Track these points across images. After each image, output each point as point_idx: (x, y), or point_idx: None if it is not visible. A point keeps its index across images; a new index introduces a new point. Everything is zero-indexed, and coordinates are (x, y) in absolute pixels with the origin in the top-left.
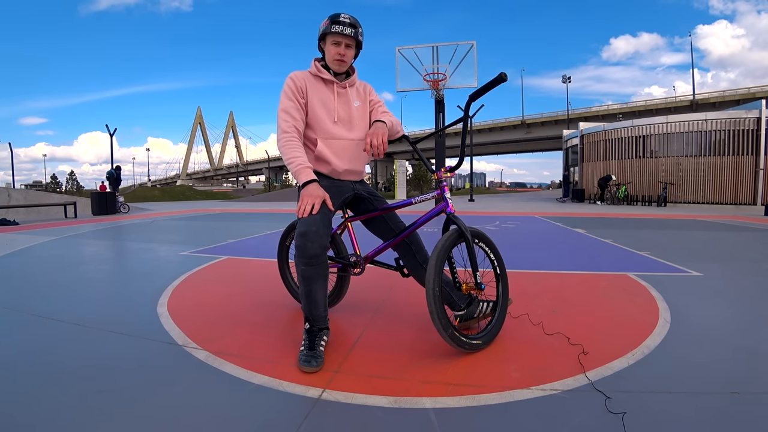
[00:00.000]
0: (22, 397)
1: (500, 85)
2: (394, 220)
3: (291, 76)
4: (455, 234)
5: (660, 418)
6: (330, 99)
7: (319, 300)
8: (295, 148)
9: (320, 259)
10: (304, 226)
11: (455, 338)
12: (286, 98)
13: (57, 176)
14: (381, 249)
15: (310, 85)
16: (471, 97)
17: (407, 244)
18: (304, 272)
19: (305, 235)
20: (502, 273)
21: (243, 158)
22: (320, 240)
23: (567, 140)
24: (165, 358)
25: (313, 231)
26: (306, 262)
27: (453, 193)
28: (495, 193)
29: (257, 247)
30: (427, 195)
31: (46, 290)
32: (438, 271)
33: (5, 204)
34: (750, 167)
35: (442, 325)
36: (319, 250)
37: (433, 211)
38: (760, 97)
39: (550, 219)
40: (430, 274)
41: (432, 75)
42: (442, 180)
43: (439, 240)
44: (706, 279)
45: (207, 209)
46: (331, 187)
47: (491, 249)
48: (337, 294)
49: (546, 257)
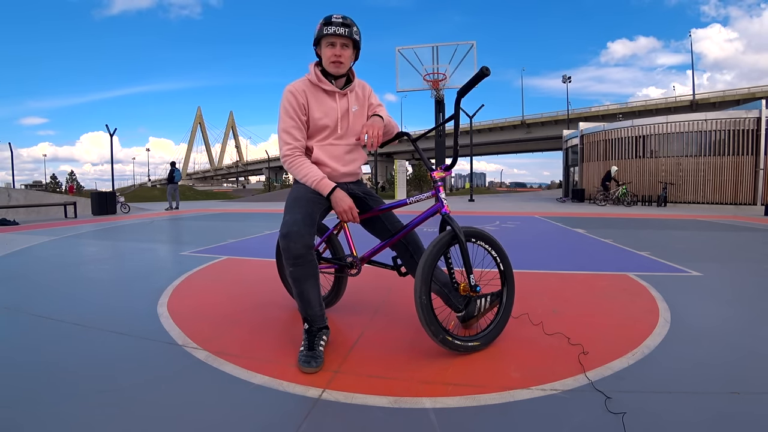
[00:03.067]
0: (23, 397)
1: (501, 86)
2: (391, 219)
3: (290, 91)
4: (448, 236)
5: (660, 418)
6: (333, 110)
7: (312, 300)
8: (304, 165)
9: (306, 259)
10: (286, 228)
11: (447, 342)
12: (286, 116)
13: (57, 176)
14: (378, 249)
15: (311, 96)
16: (459, 94)
17: (404, 244)
18: (293, 273)
19: (287, 236)
20: (507, 272)
21: (243, 158)
22: (302, 239)
23: (567, 140)
24: (165, 358)
25: (294, 231)
26: (292, 263)
27: (453, 193)
28: (495, 193)
29: (257, 247)
30: (421, 195)
31: (46, 290)
32: (425, 278)
33: (5, 204)
34: (750, 167)
35: (432, 332)
36: (303, 250)
37: (428, 212)
38: (760, 97)
39: (550, 219)
40: (418, 283)
41: (432, 75)
42: (437, 180)
43: (429, 246)
44: (706, 279)
45: (207, 209)
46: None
47: (493, 247)
48: (335, 295)
49: (546, 257)
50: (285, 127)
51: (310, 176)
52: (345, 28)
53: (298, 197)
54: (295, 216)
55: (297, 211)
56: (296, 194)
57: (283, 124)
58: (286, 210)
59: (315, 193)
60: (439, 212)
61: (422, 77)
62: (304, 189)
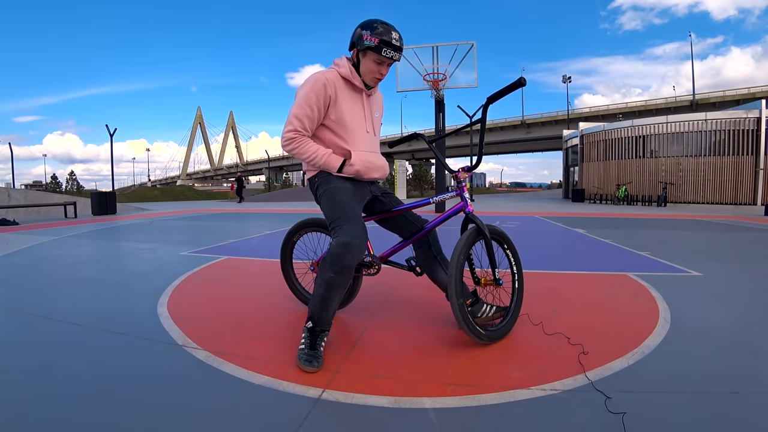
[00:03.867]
0: (22, 397)
1: (501, 86)
2: (414, 216)
3: (324, 80)
4: (473, 233)
5: (660, 418)
6: (360, 108)
7: (332, 305)
8: (309, 145)
9: (352, 271)
10: (349, 237)
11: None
12: (306, 104)
13: (57, 176)
14: (397, 248)
15: (341, 91)
16: (489, 100)
17: (428, 242)
18: (333, 280)
19: (348, 246)
20: (518, 274)
21: (243, 158)
22: (361, 254)
23: (567, 140)
24: (165, 358)
25: (357, 244)
26: (338, 271)
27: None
28: (495, 193)
29: (257, 247)
30: (445, 195)
31: (46, 290)
32: (459, 280)
33: (5, 204)
34: (750, 167)
35: (477, 335)
36: (356, 263)
37: (452, 210)
38: (760, 97)
39: (550, 219)
40: (453, 285)
41: (432, 75)
42: (461, 180)
43: (456, 247)
44: (706, 279)
45: (207, 209)
46: (356, 191)
47: (510, 249)
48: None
49: (546, 257)
50: (299, 114)
51: (318, 153)
52: (400, 54)
53: (337, 193)
54: (358, 227)
55: (352, 217)
56: (333, 189)
57: (299, 110)
58: (336, 210)
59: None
60: (463, 211)
61: (422, 77)
62: (341, 183)
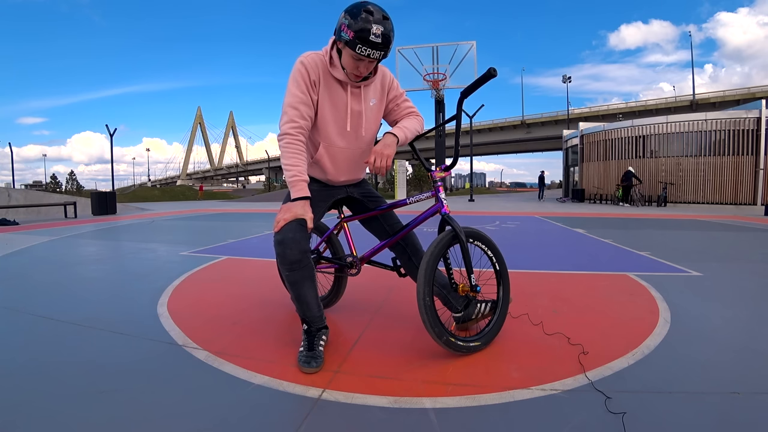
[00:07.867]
0: (22, 397)
1: (501, 85)
2: (390, 220)
3: (304, 62)
4: (448, 236)
5: (660, 418)
6: (342, 102)
7: (310, 301)
8: (295, 154)
9: (302, 263)
10: (281, 234)
11: (451, 344)
12: (296, 89)
13: (57, 176)
14: (377, 249)
15: (324, 78)
16: (463, 94)
17: (402, 245)
18: (289, 278)
19: (282, 242)
20: (502, 272)
21: (243, 158)
22: (298, 245)
23: (567, 140)
24: (165, 358)
25: (290, 238)
26: (289, 268)
27: (453, 193)
28: (495, 193)
29: (257, 247)
30: (421, 195)
31: (46, 290)
32: (428, 280)
33: (5, 204)
34: (750, 167)
35: (436, 333)
36: (300, 255)
37: (428, 212)
38: (760, 97)
39: (550, 219)
40: (420, 284)
41: (432, 75)
42: (437, 180)
43: (429, 246)
44: (706, 279)
45: (207, 209)
46: (321, 191)
47: (489, 247)
48: (335, 295)
49: (546, 257)
50: (292, 101)
51: (293, 169)
52: (381, 52)
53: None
54: (291, 223)
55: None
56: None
57: (291, 97)
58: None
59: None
60: (438, 212)
61: (422, 77)
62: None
